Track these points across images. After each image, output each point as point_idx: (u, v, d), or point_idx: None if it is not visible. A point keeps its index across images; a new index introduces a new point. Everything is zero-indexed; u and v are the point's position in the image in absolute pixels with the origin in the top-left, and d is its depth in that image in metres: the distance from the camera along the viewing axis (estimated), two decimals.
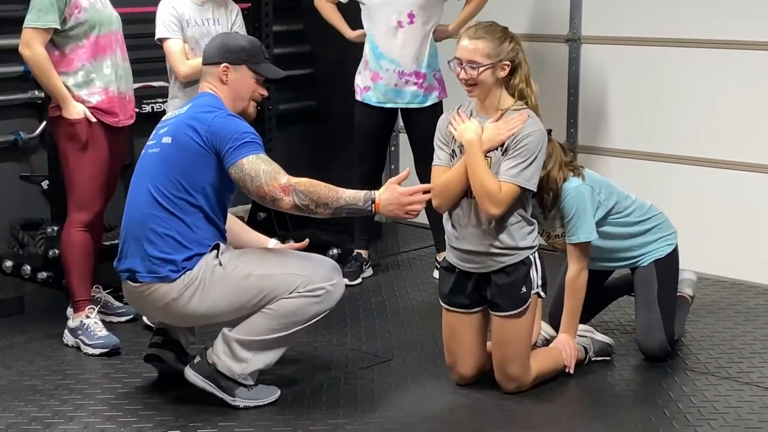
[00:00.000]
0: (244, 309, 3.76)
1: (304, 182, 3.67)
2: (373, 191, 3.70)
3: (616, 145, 5.68)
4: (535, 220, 3.91)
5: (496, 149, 3.78)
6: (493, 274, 3.84)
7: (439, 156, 3.91)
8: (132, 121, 4.57)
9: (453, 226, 3.90)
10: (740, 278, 5.22)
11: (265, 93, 3.96)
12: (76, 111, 4.33)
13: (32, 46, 4.28)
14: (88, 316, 4.40)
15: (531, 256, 3.84)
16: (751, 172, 5.20)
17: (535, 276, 3.85)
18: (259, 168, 3.67)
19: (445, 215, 3.93)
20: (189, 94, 4.67)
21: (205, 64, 3.91)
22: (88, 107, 4.36)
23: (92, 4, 4.37)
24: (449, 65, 3.87)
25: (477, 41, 3.78)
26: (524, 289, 3.82)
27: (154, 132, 3.89)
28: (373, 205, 3.67)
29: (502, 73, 3.79)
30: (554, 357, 4.04)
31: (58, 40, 4.33)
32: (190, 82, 4.71)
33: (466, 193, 3.82)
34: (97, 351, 4.31)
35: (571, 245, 4.03)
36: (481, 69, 3.75)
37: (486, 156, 3.78)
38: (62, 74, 4.34)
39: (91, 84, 4.38)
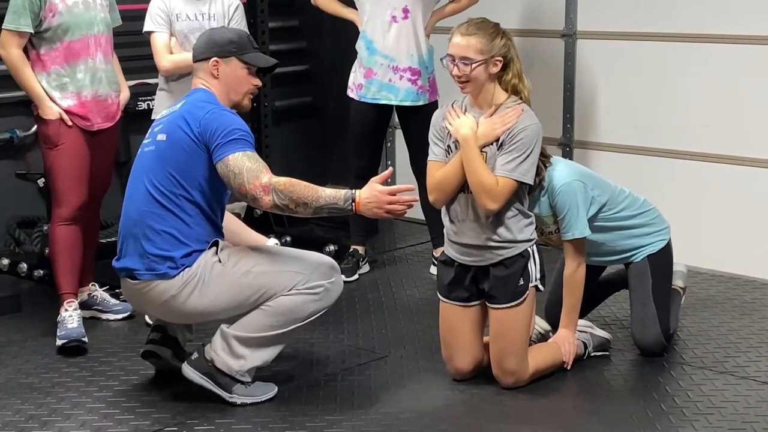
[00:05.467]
0: (243, 306, 3.76)
1: (284, 181, 3.66)
2: (354, 190, 3.68)
3: (612, 140, 5.68)
4: (532, 214, 3.91)
5: (492, 144, 3.79)
6: (491, 266, 3.85)
7: (435, 151, 3.92)
8: (113, 123, 4.59)
9: (451, 220, 3.91)
10: (737, 272, 5.22)
11: (259, 83, 3.94)
12: (51, 111, 4.40)
13: (6, 47, 4.37)
14: (66, 309, 4.42)
15: (529, 249, 3.85)
16: (749, 166, 5.20)
17: (534, 269, 3.85)
18: (243, 165, 3.66)
19: (443, 210, 3.93)
20: (175, 87, 4.69)
21: (195, 61, 3.91)
22: (63, 109, 4.41)
23: (69, 8, 4.39)
24: (442, 62, 3.87)
25: (469, 38, 3.78)
26: (522, 282, 3.83)
27: (149, 131, 3.90)
28: (353, 204, 3.65)
29: (495, 69, 3.80)
30: (553, 352, 4.04)
31: (35, 41, 4.39)
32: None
33: (463, 188, 3.83)
34: (59, 342, 4.32)
35: (566, 242, 4.03)
36: (473, 65, 3.76)
37: (482, 151, 3.79)
38: (37, 74, 4.40)
39: (64, 88, 4.42)
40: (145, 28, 4.79)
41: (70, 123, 4.41)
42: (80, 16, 4.42)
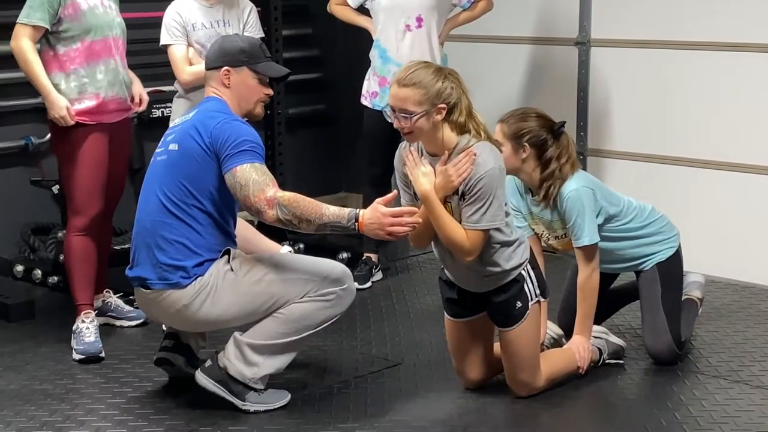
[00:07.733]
0: (255, 314, 3.76)
1: (288, 197, 3.65)
2: (358, 210, 3.65)
3: (626, 148, 5.67)
4: (517, 233, 3.80)
5: (453, 195, 3.65)
6: (488, 293, 3.81)
7: (404, 198, 3.81)
8: (128, 114, 4.57)
9: (439, 255, 3.85)
10: (751, 281, 5.21)
11: (271, 92, 3.95)
12: (57, 105, 4.31)
13: (18, 38, 4.31)
14: (83, 321, 4.42)
15: (522, 272, 3.78)
16: (765, 174, 5.18)
17: (531, 288, 3.80)
18: (249, 177, 3.66)
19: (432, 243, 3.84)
20: (194, 94, 4.70)
21: (207, 69, 3.92)
22: (80, 110, 4.36)
23: (91, 9, 4.39)
24: (385, 112, 3.70)
25: (406, 89, 3.55)
26: (519, 304, 3.78)
27: (162, 140, 3.91)
28: (356, 224, 3.61)
29: (439, 117, 3.57)
30: (567, 358, 4.03)
31: (52, 40, 4.35)
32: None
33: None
34: (77, 357, 4.32)
35: (578, 249, 4.02)
36: (414, 118, 3.55)
37: (446, 202, 3.65)
38: (55, 75, 4.35)
39: (83, 89, 4.39)
40: (162, 42, 4.79)
41: (71, 122, 4.32)
42: (101, 17, 4.41)
